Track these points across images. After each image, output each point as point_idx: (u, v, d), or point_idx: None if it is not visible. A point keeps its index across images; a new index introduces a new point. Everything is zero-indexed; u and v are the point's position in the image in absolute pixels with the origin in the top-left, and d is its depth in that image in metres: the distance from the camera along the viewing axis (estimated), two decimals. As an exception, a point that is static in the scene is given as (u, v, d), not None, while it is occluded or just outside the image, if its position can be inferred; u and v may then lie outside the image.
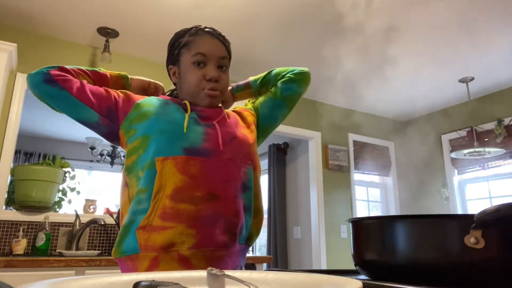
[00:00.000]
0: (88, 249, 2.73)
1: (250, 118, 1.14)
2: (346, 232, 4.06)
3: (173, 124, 0.96)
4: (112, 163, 4.89)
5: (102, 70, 1.09)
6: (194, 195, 0.90)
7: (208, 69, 1.02)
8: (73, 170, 3.18)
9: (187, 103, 1.04)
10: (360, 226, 0.54)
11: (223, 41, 1.08)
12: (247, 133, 1.07)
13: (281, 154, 4.68)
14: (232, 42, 3.08)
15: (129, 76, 1.13)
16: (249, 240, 1.03)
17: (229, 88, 1.21)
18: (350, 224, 0.58)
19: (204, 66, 1.03)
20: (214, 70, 1.03)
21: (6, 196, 2.62)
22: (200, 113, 1.03)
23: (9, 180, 2.65)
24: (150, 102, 1.03)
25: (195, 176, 0.91)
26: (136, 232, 0.91)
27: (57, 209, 2.96)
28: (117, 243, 0.95)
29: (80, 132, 5.57)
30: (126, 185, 0.99)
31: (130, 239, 0.92)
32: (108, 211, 2.83)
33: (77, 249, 2.61)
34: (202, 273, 0.52)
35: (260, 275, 0.51)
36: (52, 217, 2.66)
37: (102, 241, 2.81)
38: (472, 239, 0.41)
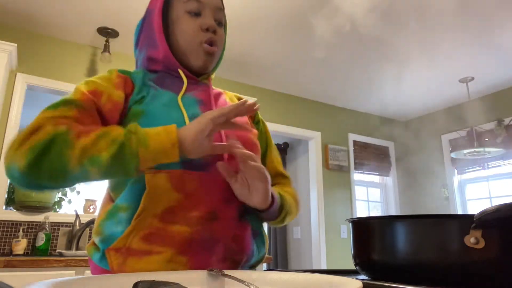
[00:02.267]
0: (88, 249, 2.73)
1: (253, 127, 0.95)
2: (346, 232, 4.06)
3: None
4: (112, 163, 4.88)
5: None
6: (190, 215, 0.73)
7: (204, 18, 0.86)
8: (73, 170, 3.18)
9: (184, 79, 0.85)
10: (360, 226, 0.54)
11: None
12: (254, 139, 0.88)
13: (281, 154, 4.68)
14: (231, 45, 3.08)
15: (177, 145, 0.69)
16: (254, 266, 0.88)
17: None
18: (350, 224, 0.58)
19: (199, 16, 0.87)
20: (211, 18, 0.87)
21: (6, 196, 2.62)
22: (198, 98, 0.85)
23: (9, 180, 2.65)
24: (139, 90, 0.81)
25: (192, 194, 0.75)
26: (106, 253, 0.72)
27: (57, 209, 2.96)
28: (89, 248, 0.80)
29: (80, 132, 5.57)
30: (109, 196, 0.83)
31: (98, 256, 0.75)
32: (108, 211, 2.83)
33: (77, 249, 2.61)
34: (202, 273, 0.52)
35: (260, 275, 0.51)
36: (52, 217, 2.66)
37: (102, 241, 2.81)
38: (472, 239, 0.41)
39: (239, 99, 1.02)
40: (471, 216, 0.41)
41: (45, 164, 0.63)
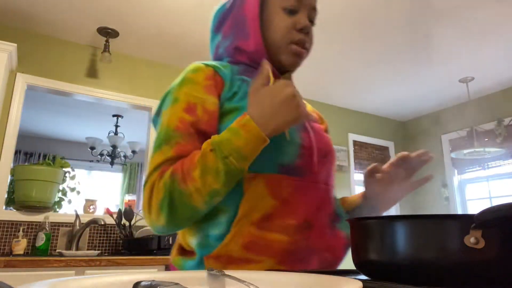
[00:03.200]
0: (88, 249, 2.73)
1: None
2: (346, 232, 4.06)
3: None
4: (112, 163, 4.89)
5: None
6: (286, 224, 0.72)
7: (300, 17, 0.83)
8: (73, 170, 3.18)
9: (271, 77, 0.77)
10: (360, 226, 0.54)
11: None
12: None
13: (281, 154, 4.68)
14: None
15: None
16: None
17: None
18: (349, 224, 0.58)
19: (295, 14, 0.83)
20: (306, 18, 0.83)
21: (6, 196, 2.62)
22: None
23: (9, 180, 2.65)
24: (236, 90, 0.79)
25: (288, 201, 0.73)
26: (206, 261, 0.72)
27: (57, 209, 2.96)
28: (176, 260, 0.78)
29: (80, 132, 5.57)
30: None
31: (194, 265, 0.74)
32: (108, 211, 2.83)
33: (77, 249, 2.61)
34: (202, 273, 0.52)
35: (260, 275, 0.51)
36: (52, 217, 2.66)
37: (102, 241, 2.81)
38: (472, 239, 0.41)
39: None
40: (471, 216, 0.41)
41: (179, 216, 0.68)
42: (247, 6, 0.84)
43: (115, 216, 2.76)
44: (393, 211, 4.54)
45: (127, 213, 2.70)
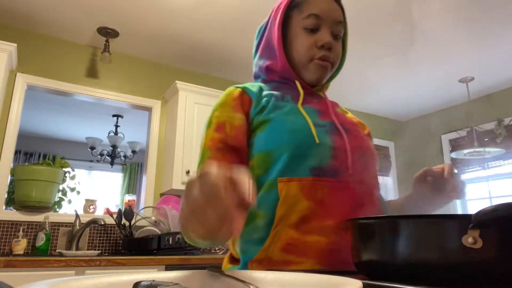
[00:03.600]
0: (88, 249, 2.73)
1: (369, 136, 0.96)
2: (346, 232, 4.06)
3: (298, 134, 0.77)
4: (112, 163, 4.89)
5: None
6: (324, 225, 0.74)
7: (321, 34, 0.86)
8: (73, 170, 3.18)
9: (301, 91, 0.86)
10: (360, 226, 0.54)
11: (340, 4, 0.91)
12: (372, 146, 0.90)
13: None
14: (232, 43, 3.08)
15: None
16: None
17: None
18: (349, 224, 0.58)
19: (316, 31, 0.87)
20: (327, 35, 0.86)
21: (6, 196, 2.62)
22: (316, 108, 0.87)
23: (9, 180, 2.65)
24: (264, 104, 0.85)
25: (323, 202, 0.75)
26: (249, 266, 0.76)
27: (57, 209, 2.96)
28: (227, 268, 0.83)
29: (80, 132, 5.57)
30: None
31: (238, 268, 0.79)
32: (108, 211, 2.83)
33: (77, 249, 2.61)
34: (202, 273, 0.52)
35: (260, 275, 0.52)
36: (52, 217, 2.67)
37: (102, 241, 2.81)
38: (470, 239, 0.41)
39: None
40: (469, 216, 0.41)
41: (192, 241, 0.68)
42: (273, 28, 0.90)
43: (115, 216, 2.75)
44: (393, 211, 4.54)
45: (127, 213, 2.70)
